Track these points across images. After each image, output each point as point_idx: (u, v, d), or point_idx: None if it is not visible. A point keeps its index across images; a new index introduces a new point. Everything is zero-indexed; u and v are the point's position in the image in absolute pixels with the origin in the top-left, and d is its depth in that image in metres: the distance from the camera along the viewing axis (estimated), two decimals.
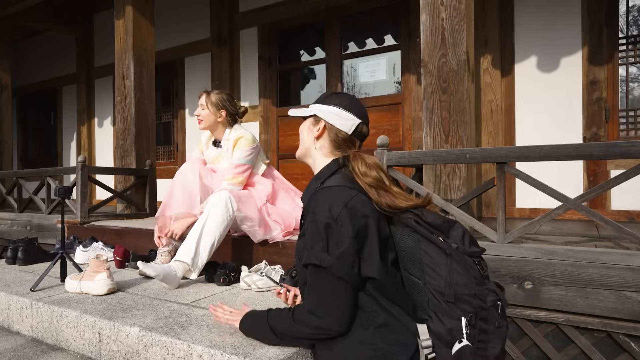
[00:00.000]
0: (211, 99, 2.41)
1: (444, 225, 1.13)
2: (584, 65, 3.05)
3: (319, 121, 1.30)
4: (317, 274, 1.11)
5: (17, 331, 1.87)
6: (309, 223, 1.14)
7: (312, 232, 1.12)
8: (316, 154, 1.31)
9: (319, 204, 1.14)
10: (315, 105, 1.32)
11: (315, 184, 1.24)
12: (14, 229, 3.73)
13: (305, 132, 1.34)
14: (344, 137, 1.28)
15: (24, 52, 7.01)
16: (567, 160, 1.72)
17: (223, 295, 1.86)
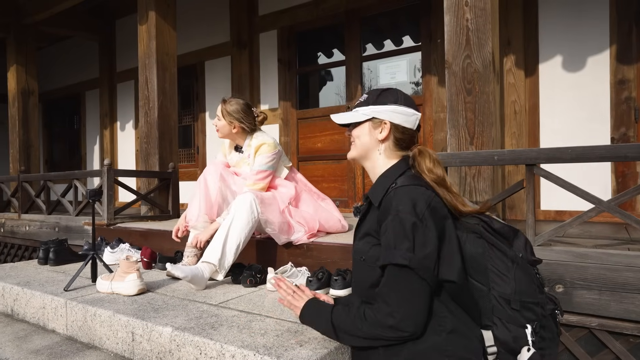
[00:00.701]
0: (227, 109, 2.38)
1: (510, 234, 1.13)
2: (612, 64, 2.99)
3: (381, 123, 1.23)
4: (400, 274, 1.06)
5: (52, 329, 1.93)
6: (392, 222, 1.08)
7: (395, 231, 1.07)
8: (378, 157, 1.25)
9: (402, 202, 1.09)
10: (370, 108, 1.25)
11: (385, 183, 1.19)
12: (43, 231, 3.84)
13: (364, 137, 1.26)
14: (410, 135, 1.24)
15: (48, 58, 7.22)
16: (599, 161, 1.69)
17: (250, 297, 1.88)
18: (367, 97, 1.27)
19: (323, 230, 2.40)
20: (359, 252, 1.20)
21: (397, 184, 1.15)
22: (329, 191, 4.21)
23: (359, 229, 1.24)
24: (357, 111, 1.26)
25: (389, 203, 1.12)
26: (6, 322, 2.07)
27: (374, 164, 1.27)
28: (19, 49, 5.13)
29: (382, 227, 1.11)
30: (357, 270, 1.22)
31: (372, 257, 1.15)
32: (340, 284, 1.84)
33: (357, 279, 1.23)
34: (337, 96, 4.44)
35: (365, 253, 1.17)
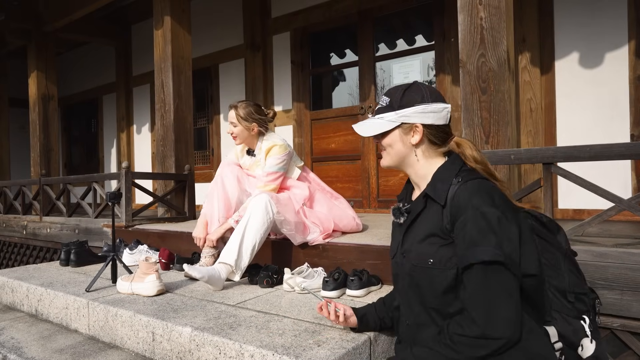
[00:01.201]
0: (240, 114, 2.40)
1: (554, 228, 1.12)
2: (630, 60, 2.93)
3: (412, 127, 1.14)
4: (491, 272, 0.96)
5: (74, 329, 1.98)
6: (473, 217, 0.99)
7: (479, 228, 0.98)
8: (417, 161, 1.16)
9: (479, 196, 1.01)
10: (396, 113, 1.14)
11: (445, 179, 1.10)
12: (64, 233, 3.93)
13: (397, 144, 1.16)
14: (445, 131, 1.15)
15: (67, 63, 7.38)
16: (618, 159, 1.66)
17: (267, 297, 1.90)
18: (390, 99, 1.16)
19: (338, 230, 2.41)
20: (423, 256, 1.09)
21: (463, 178, 1.07)
22: (343, 191, 4.21)
23: (413, 232, 1.14)
24: (382, 118, 1.16)
25: (462, 198, 1.03)
26: (31, 322, 2.13)
27: (414, 168, 1.18)
28: (39, 56, 5.26)
29: (458, 224, 1.02)
30: (421, 276, 1.09)
31: (443, 259, 1.05)
32: (356, 284, 1.85)
33: (422, 287, 1.09)
34: (350, 97, 4.44)
35: (433, 255, 1.07)
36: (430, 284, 1.07)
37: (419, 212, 1.13)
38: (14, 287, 2.39)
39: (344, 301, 1.81)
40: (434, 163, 1.16)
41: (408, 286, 1.14)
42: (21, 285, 2.34)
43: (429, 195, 1.11)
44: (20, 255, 4.69)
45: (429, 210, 1.11)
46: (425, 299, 1.09)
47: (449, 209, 1.05)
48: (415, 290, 1.12)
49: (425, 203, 1.12)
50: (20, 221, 4.58)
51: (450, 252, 1.04)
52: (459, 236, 1.02)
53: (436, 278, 1.06)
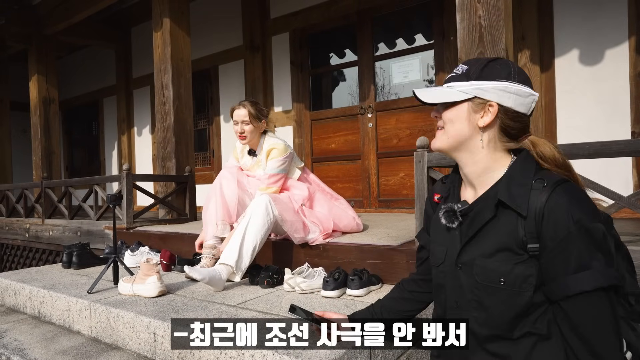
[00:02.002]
0: (252, 112, 2.40)
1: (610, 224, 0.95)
2: (631, 56, 2.92)
3: (485, 105, 0.92)
4: (603, 299, 0.82)
5: (77, 331, 1.99)
6: (578, 234, 0.83)
7: (586, 246, 0.83)
8: (478, 149, 0.95)
9: (578, 207, 0.85)
10: (471, 83, 0.93)
11: (524, 183, 0.90)
12: (66, 235, 3.94)
13: (461, 122, 0.94)
14: (523, 122, 0.95)
15: (67, 67, 7.41)
16: (618, 157, 1.66)
17: (268, 297, 1.90)
18: (468, 68, 0.95)
19: (338, 230, 2.41)
20: (493, 274, 0.90)
21: (548, 182, 0.88)
22: (343, 191, 4.22)
23: (477, 242, 0.94)
24: (453, 87, 0.95)
25: (558, 210, 0.85)
26: (34, 323, 2.14)
27: (474, 157, 0.95)
28: (39, 59, 5.28)
29: (559, 243, 0.84)
30: (486, 296, 0.91)
31: (518, 279, 0.87)
32: (357, 284, 1.85)
33: (487, 308, 0.92)
34: (350, 97, 4.45)
35: (507, 274, 0.88)
36: (500, 306, 0.90)
37: (487, 220, 0.93)
38: (17, 290, 2.40)
39: (345, 301, 1.81)
40: (499, 159, 0.95)
41: (466, 303, 0.96)
42: (24, 287, 2.35)
43: (502, 202, 0.91)
44: (23, 258, 4.71)
45: (501, 219, 0.92)
46: (489, 322, 0.92)
47: (534, 221, 0.87)
48: (477, 311, 0.94)
49: (496, 211, 0.92)
50: (22, 224, 4.60)
51: (527, 271, 0.87)
52: (559, 257, 0.85)
53: (507, 301, 0.89)
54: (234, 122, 2.47)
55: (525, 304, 0.88)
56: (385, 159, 4.07)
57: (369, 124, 4.14)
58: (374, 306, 1.31)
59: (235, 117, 2.45)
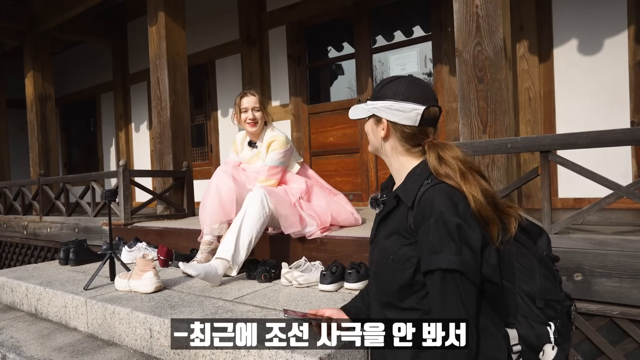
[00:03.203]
0: (261, 100, 2.46)
1: (535, 232, 1.12)
2: (630, 45, 2.89)
3: (380, 120, 1.14)
4: (449, 279, 0.98)
5: (74, 327, 1.98)
6: (435, 224, 1.00)
7: (440, 234, 1.00)
8: (390, 155, 1.17)
9: (443, 203, 1.01)
10: (371, 103, 1.15)
11: (416, 181, 1.09)
12: (64, 232, 3.93)
13: (370, 133, 1.19)
14: (413, 132, 1.11)
15: (63, 63, 7.36)
16: (616, 146, 1.64)
17: (265, 292, 1.89)
18: (374, 89, 1.17)
19: (336, 224, 2.40)
20: (385, 252, 1.10)
21: (431, 182, 1.06)
22: (342, 185, 4.20)
23: (383, 227, 1.15)
24: (367, 104, 1.17)
25: (427, 204, 1.03)
26: (30, 320, 2.13)
27: (388, 160, 1.19)
28: (35, 56, 5.24)
29: (422, 230, 1.03)
30: (382, 270, 1.12)
31: (402, 258, 1.06)
32: (354, 277, 1.84)
33: (382, 280, 1.12)
34: (348, 90, 4.42)
35: (395, 253, 1.08)
36: (389, 280, 1.09)
37: (391, 209, 1.13)
38: (14, 287, 2.40)
39: (342, 294, 1.80)
40: (408, 161, 1.14)
41: (372, 275, 1.20)
42: (20, 284, 2.34)
43: (398, 195, 1.12)
44: (21, 256, 4.71)
45: (399, 209, 1.11)
46: (386, 293, 1.11)
47: (415, 212, 1.06)
48: (376, 281, 1.15)
49: (397, 202, 1.12)
50: (20, 221, 4.59)
51: (411, 252, 1.06)
52: (422, 242, 1.03)
53: (394, 275, 1.08)
54: (243, 110, 2.45)
55: (408, 279, 1.05)
56: None
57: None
58: (362, 292, 1.36)
59: (246, 104, 2.45)
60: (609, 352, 1.62)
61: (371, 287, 1.21)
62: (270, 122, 2.54)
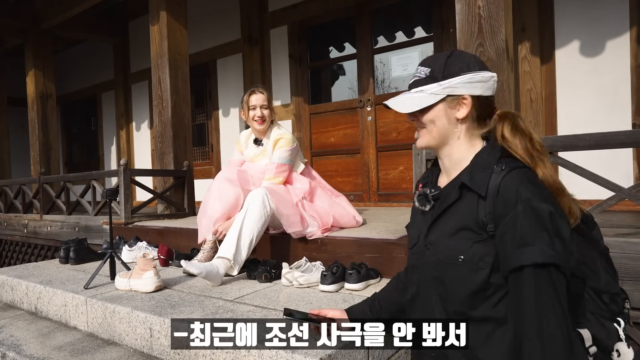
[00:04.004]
0: (269, 97, 2.47)
1: (590, 221, 1.03)
2: (632, 47, 2.89)
3: (459, 100, 0.99)
4: (543, 275, 0.86)
5: (74, 326, 1.97)
6: (523, 213, 0.87)
7: (530, 224, 0.87)
8: (458, 140, 1.02)
9: (528, 188, 0.89)
10: (439, 84, 0.99)
11: (485, 167, 0.96)
12: (64, 230, 3.93)
13: (441, 120, 1.01)
14: (491, 102, 1.01)
15: (65, 61, 7.36)
16: (619, 148, 1.64)
17: (265, 292, 1.89)
18: (431, 70, 1.00)
19: (337, 226, 2.40)
20: (452, 251, 0.96)
21: (506, 166, 0.93)
22: (342, 185, 4.20)
23: (442, 223, 1.00)
24: (422, 91, 1.00)
25: (509, 191, 0.90)
26: (30, 319, 2.13)
27: (452, 149, 1.03)
28: (36, 54, 5.24)
29: (506, 221, 0.90)
30: (448, 273, 0.97)
31: (475, 257, 0.93)
32: (355, 278, 1.84)
33: (448, 285, 0.97)
34: (349, 90, 4.41)
35: (466, 252, 0.94)
36: (458, 283, 0.95)
37: (452, 202, 0.99)
38: (14, 285, 2.39)
39: (343, 295, 1.80)
40: (473, 146, 1.02)
41: (430, 282, 1.02)
42: (20, 283, 2.34)
43: (465, 185, 0.98)
44: (22, 254, 4.71)
45: (464, 200, 0.98)
46: (448, 298, 0.98)
47: (492, 202, 0.92)
48: (438, 288, 1.00)
49: (460, 193, 0.99)
50: (21, 220, 4.59)
51: (485, 249, 0.92)
52: (506, 234, 0.89)
53: (465, 278, 0.94)
54: (252, 107, 2.45)
55: (482, 281, 0.92)
56: (384, 152, 4.04)
57: (368, 118, 4.12)
58: (371, 299, 1.29)
59: (254, 101, 2.45)
60: None
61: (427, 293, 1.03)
62: (276, 120, 2.55)
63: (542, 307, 0.85)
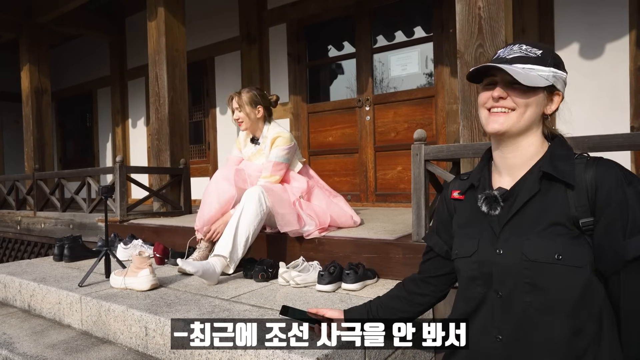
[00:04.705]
0: (244, 99, 2.43)
1: None
2: (631, 50, 2.89)
3: (553, 93, 0.96)
4: None
5: (67, 324, 1.95)
6: (633, 196, 0.83)
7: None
8: (534, 134, 0.97)
9: (625, 172, 0.87)
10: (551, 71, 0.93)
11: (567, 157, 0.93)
12: (58, 228, 3.89)
13: (536, 107, 0.94)
14: None
15: (60, 57, 7.29)
16: (617, 150, 1.63)
17: (262, 291, 1.88)
18: (542, 52, 0.93)
19: (335, 225, 2.39)
20: (547, 250, 0.86)
21: (590, 157, 0.91)
22: (340, 185, 4.19)
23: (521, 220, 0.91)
24: (533, 70, 0.92)
25: (609, 177, 0.86)
26: (24, 317, 2.10)
27: (528, 141, 0.96)
28: (31, 49, 5.18)
29: (612, 209, 0.84)
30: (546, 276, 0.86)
31: (574, 255, 0.84)
32: (352, 278, 1.83)
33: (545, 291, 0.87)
34: (348, 89, 4.40)
35: (563, 249, 0.85)
36: (558, 286, 0.86)
37: (532, 196, 0.91)
38: (7, 283, 2.36)
39: (340, 295, 1.79)
40: (543, 143, 0.98)
41: (515, 289, 0.89)
42: (14, 280, 2.31)
43: (549, 174, 0.90)
44: (15, 251, 4.65)
45: (547, 194, 0.91)
46: (549, 305, 0.87)
47: (584, 193, 0.87)
48: (531, 294, 0.88)
49: (540, 185, 0.91)
50: (14, 216, 4.54)
51: (579, 246, 0.86)
52: (616, 222, 0.83)
53: (567, 279, 0.85)
54: (233, 112, 2.49)
55: (585, 283, 0.85)
56: (382, 152, 4.04)
57: (367, 117, 4.10)
58: (371, 302, 1.27)
59: (232, 105, 2.49)
60: None
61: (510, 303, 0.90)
62: (270, 119, 2.52)
63: None
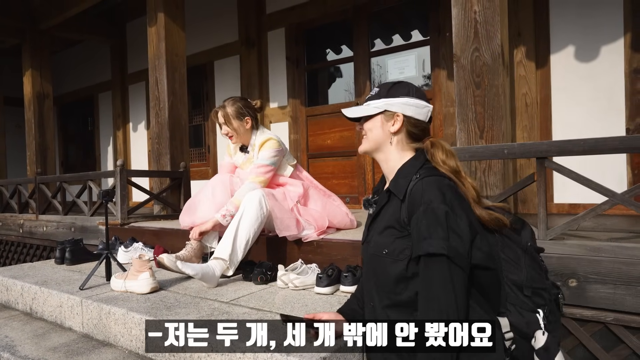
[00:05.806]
0: (230, 113, 2.41)
1: (518, 224, 1.19)
2: (626, 53, 2.91)
3: (393, 115, 1.22)
4: (436, 264, 1.05)
5: (69, 327, 1.97)
6: (424, 213, 1.08)
7: (428, 222, 1.07)
8: (391, 149, 1.24)
9: (432, 193, 1.09)
10: (382, 100, 1.24)
11: (406, 175, 1.18)
12: (60, 231, 3.92)
13: (377, 129, 1.25)
14: (422, 127, 1.24)
15: (62, 62, 7.34)
16: (613, 153, 1.65)
17: (261, 294, 1.90)
18: (379, 90, 1.26)
19: (332, 226, 2.41)
20: (379, 246, 1.17)
21: (421, 175, 1.15)
22: (339, 187, 4.21)
23: (375, 224, 1.22)
24: (369, 105, 1.26)
25: (417, 195, 1.11)
26: (25, 320, 2.13)
27: (387, 156, 1.26)
28: (33, 54, 5.23)
29: (413, 220, 1.10)
30: (377, 265, 1.19)
31: (396, 250, 1.13)
32: (350, 280, 1.85)
33: (378, 275, 1.19)
34: (346, 93, 4.43)
35: (388, 246, 1.15)
36: (385, 273, 1.16)
37: (383, 205, 1.22)
38: (9, 286, 2.39)
39: (338, 297, 1.81)
40: (404, 157, 1.24)
41: (368, 272, 1.25)
42: (16, 283, 2.33)
43: (390, 190, 1.20)
44: (17, 254, 4.69)
45: (391, 203, 1.20)
46: (383, 288, 1.17)
47: (407, 204, 1.13)
48: (372, 278, 1.21)
49: (389, 197, 1.21)
50: (16, 220, 4.57)
51: (404, 244, 1.13)
52: (413, 230, 1.10)
53: (389, 268, 1.14)
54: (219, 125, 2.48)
55: (402, 270, 1.12)
56: None
57: None
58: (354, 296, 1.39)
59: (218, 120, 2.47)
60: (602, 358, 1.63)
61: (367, 284, 1.25)
62: (258, 125, 2.50)
63: (432, 288, 1.05)
